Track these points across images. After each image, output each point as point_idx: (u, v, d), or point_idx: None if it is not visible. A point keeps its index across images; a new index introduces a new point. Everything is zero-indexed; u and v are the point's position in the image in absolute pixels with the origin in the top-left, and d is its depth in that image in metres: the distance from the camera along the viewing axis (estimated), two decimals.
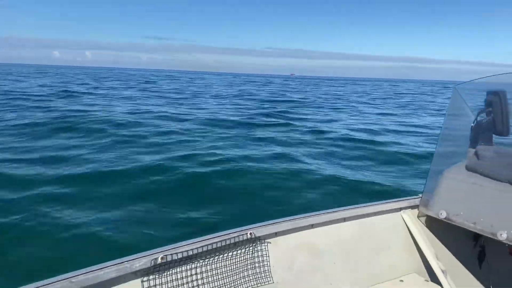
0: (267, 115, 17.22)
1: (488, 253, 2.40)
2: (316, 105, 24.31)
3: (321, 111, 20.31)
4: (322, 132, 12.86)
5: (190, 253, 1.56)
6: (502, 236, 1.81)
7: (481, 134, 2.17)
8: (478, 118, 2.19)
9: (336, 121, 16.46)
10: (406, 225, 2.21)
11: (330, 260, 1.96)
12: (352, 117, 18.35)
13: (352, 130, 13.75)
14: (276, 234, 1.82)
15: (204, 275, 1.61)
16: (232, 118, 15.57)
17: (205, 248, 1.59)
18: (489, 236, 1.89)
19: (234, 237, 1.67)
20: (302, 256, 1.88)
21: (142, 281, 1.48)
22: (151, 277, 1.49)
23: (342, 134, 12.37)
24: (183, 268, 1.57)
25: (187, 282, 1.57)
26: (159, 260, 1.48)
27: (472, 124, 2.20)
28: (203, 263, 1.62)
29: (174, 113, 16.37)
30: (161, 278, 1.51)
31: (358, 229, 2.08)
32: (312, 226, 1.93)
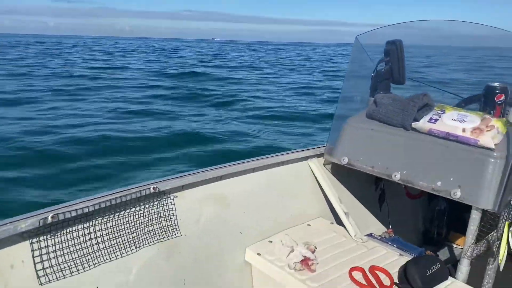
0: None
1: (387, 196, 2.59)
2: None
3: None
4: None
5: (86, 210, 1.45)
6: (396, 177, 1.94)
7: (380, 82, 2.27)
8: (378, 67, 2.29)
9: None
10: (313, 173, 2.29)
11: (240, 211, 1.97)
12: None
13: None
14: (182, 188, 1.77)
15: (104, 232, 1.52)
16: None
17: (103, 205, 1.49)
18: (385, 178, 2.02)
19: (136, 192, 1.59)
20: (210, 208, 1.86)
21: (31, 243, 1.35)
22: (41, 238, 1.37)
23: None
24: (79, 227, 1.46)
25: (85, 241, 1.47)
26: (49, 220, 1.36)
27: (372, 73, 2.30)
28: (102, 221, 1.52)
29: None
30: (53, 238, 1.40)
31: (267, 179, 2.10)
32: (220, 178, 1.91)
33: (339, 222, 2.21)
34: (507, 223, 1.78)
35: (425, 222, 2.96)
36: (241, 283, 1.93)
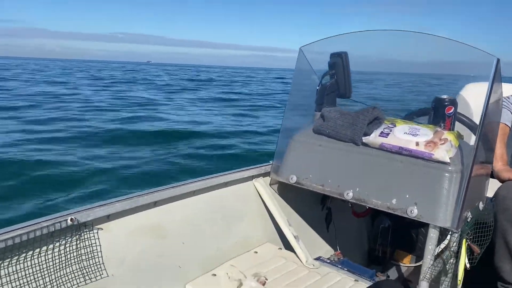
0: None
1: (333, 216, 2.46)
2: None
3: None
4: None
5: None
6: (349, 195, 1.80)
7: (325, 96, 2.16)
8: (323, 81, 2.18)
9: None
10: (259, 194, 2.10)
11: (178, 241, 1.71)
12: None
13: None
14: (108, 218, 1.48)
15: (5, 279, 1.19)
16: None
17: (2, 245, 1.17)
18: (336, 196, 1.87)
19: (48, 225, 1.28)
20: (143, 240, 1.58)
21: None
22: None
23: None
24: None
25: None
26: None
27: (317, 87, 2.18)
28: (2, 265, 1.19)
29: None
30: None
31: (209, 202, 1.87)
32: (155, 204, 1.64)
33: (287, 246, 2.03)
34: (464, 240, 1.70)
35: (369, 240, 2.87)
36: None
